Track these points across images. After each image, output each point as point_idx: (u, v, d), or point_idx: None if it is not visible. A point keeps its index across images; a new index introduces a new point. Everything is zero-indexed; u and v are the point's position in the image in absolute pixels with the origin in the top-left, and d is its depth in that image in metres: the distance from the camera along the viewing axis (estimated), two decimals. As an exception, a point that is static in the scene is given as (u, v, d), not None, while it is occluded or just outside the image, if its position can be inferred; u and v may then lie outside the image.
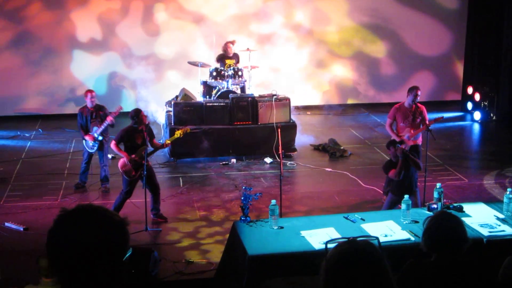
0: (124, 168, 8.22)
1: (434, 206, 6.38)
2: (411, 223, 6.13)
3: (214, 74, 11.59)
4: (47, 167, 10.76)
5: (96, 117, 9.43)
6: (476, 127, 13.84)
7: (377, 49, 15.03)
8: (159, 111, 12.41)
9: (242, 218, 6.29)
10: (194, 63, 12.03)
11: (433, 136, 8.51)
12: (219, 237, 7.85)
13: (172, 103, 11.36)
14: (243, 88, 11.91)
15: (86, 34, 13.99)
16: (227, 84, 11.54)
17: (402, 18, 14.84)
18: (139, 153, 8.19)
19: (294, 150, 11.31)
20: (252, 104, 11.26)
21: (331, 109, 14.46)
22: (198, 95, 11.89)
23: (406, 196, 6.35)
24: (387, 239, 5.68)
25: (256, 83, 12.79)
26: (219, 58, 11.98)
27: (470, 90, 14.45)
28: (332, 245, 2.19)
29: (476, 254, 5.14)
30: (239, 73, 11.66)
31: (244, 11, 14.35)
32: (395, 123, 8.90)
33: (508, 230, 6.01)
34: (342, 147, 11.61)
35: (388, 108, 9.27)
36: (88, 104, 9.45)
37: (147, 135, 8.31)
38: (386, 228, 5.99)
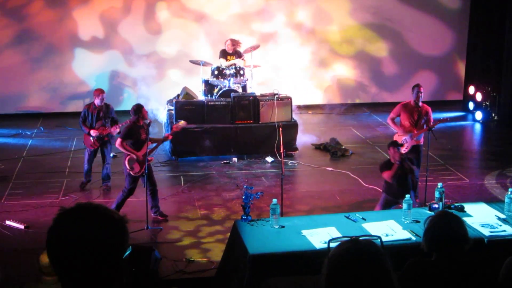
0: (131, 165, 8.23)
1: (435, 206, 6.38)
2: (412, 223, 6.13)
3: (216, 73, 11.59)
4: (48, 165, 10.76)
5: (102, 116, 9.42)
6: (478, 127, 13.82)
7: (379, 49, 15.01)
8: (161, 110, 12.42)
9: (243, 217, 6.29)
10: (196, 62, 12.03)
11: (435, 136, 8.52)
12: (220, 236, 7.85)
13: (174, 102, 11.36)
14: (245, 87, 11.90)
15: (88, 32, 13.98)
16: (229, 83, 11.54)
17: (404, 18, 14.82)
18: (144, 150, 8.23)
19: (296, 149, 11.30)
20: (254, 103, 11.26)
21: (333, 109, 14.45)
22: (200, 94, 11.89)
23: (407, 196, 6.35)
24: (388, 239, 5.68)
25: (258, 82, 12.80)
26: (221, 55, 12.02)
27: (472, 90, 14.42)
28: (335, 244, 2.19)
29: (477, 254, 5.12)
30: (241, 72, 11.66)
31: (246, 10, 14.33)
32: (399, 120, 8.93)
33: (509, 230, 6.01)
34: (344, 147, 11.60)
35: (390, 108, 9.26)
36: (97, 103, 9.44)
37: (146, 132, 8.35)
38: (387, 228, 5.99)
